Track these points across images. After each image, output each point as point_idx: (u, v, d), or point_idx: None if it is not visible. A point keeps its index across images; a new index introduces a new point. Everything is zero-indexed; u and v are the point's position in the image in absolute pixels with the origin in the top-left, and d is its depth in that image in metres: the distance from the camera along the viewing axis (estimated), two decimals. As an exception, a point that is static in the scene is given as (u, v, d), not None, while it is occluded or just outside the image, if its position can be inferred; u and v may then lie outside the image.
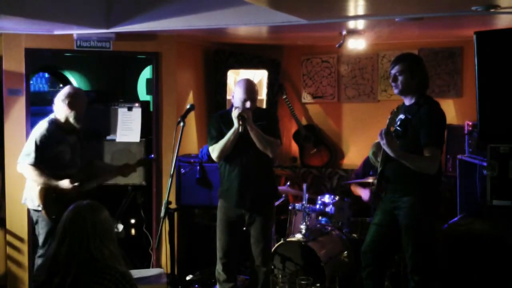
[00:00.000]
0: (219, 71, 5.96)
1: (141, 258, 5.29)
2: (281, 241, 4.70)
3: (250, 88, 4.05)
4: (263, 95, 6.26)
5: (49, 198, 4.10)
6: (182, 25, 4.52)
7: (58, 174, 4.16)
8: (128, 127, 5.25)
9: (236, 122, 3.94)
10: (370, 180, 5.22)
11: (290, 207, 5.18)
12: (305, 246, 4.56)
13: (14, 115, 4.95)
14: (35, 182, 4.14)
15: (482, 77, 4.13)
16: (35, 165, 4.11)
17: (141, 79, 6.52)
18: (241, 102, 4.01)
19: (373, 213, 4.06)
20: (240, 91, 4.03)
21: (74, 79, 7.04)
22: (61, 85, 7.81)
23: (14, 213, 4.98)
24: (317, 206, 5.17)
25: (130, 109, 5.34)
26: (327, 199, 5.23)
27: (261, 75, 6.28)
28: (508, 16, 4.05)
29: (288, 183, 5.76)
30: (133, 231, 5.54)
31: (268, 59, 6.30)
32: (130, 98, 6.15)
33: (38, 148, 4.12)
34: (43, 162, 4.15)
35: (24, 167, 4.15)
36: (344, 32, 5.05)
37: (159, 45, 5.19)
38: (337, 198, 5.23)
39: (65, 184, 4.10)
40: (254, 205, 4.09)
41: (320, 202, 5.23)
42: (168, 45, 5.22)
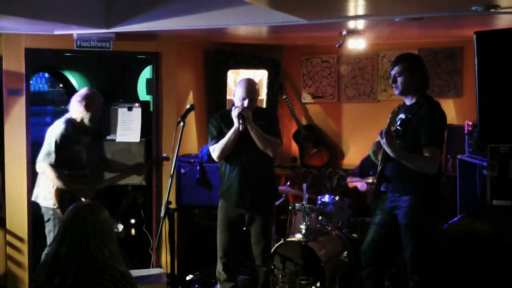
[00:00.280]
0: (219, 71, 5.96)
1: (141, 258, 5.29)
2: (281, 241, 4.70)
3: (250, 87, 4.05)
4: (263, 95, 6.26)
5: (65, 198, 4.14)
6: (182, 25, 4.52)
7: (75, 174, 4.21)
8: (128, 127, 5.25)
9: (236, 121, 3.94)
10: (370, 180, 5.23)
11: (290, 207, 5.18)
12: (305, 246, 4.56)
13: (14, 115, 4.95)
14: (53, 183, 4.17)
15: (482, 77, 4.13)
16: (55, 165, 4.14)
17: (141, 79, 6.51)
18: (241, 101, 4.02)
19: (373, 213, 4.06)
20: (241, 90, 4.03)
21: (74, 79, 7.04)
22: (61, 85, 7.82)
23: (14, 213, 4.98)
24: (317, 206, 5.18)
25: (130, 109, 5.34)
26: (327, 199, 5.23)
27: (261, 75, 6.28)
28: (508, 16, 4.05)
29: (288, 183, 5.75)
30: (133, 231, 5.54)
31: (268, 59, 6.29)
32: (130, 98, 6.14)
33: (57, 148, 4.15)
34: (61, 162, 4.18)
35: (45, 167, 4.18)
36: (344, 32, 5.05)
37: (159, 45, 5.19)
38: (337, 198, 5.23)
39: (80, 194, 4.15)
40: (254, 205, 4.09)
41: (320, 202, 5.23)
42: (168, 45, 5.22)
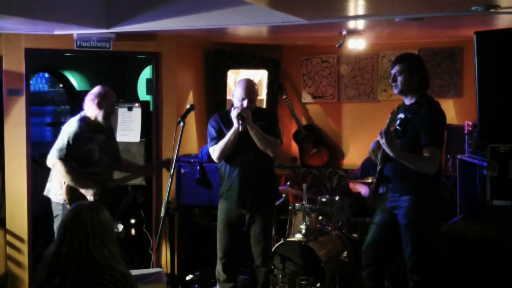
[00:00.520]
0: (219, 71, 5.96)
1: (141, 258, 5.29)
2: (281, 241, 4.69)
3: (249, 87, 4.05)
4: (263, 95, 6.25)
5: (75, 195, 4.16)
6: (182, 25, 4.52)
7: (86, 171, 4.22)
8: (128, 127, 5.25)
9: (235, 122, 3.94)
10: (370, 180, 5.23)
11: (290, 207, 5.18)
12: (305, 246, 4.56)
13: (14, 115, 4.95)
14: (61, 178, 4.19)
15: (482, 77, 4.13)
16: (65, 161, 4.16)
17: (141, 79, 6.52)
18: (240, 102, 4.02)
19: (372, 213, 4.06)
20: (240, 91, 4.03)
21: (74, 79, 7.05)
22: (61, 85, 7.81)
23: (14, 213, 4.98)
24: (317, 206, 5.18)
25: (130, 109, 5.34)
26: (327, 199, 5.23)
27: (261, 75, 6.28)
28: (508, 16, 4.05)
29: (288, 183, 5.75)
30: (133, 231, 5.54)
31: (268, 59, 6.29)
32: (130, 98, 6.15)
33: (70, 145, 4.17)
34: (73, 160, 4.20)
35: (55, 161, 4.19)
36: (344, 32, 5.05)
37: (159, 45, 5.19)
38: (337, 198, 5.23)
39: (88, 192, 4.15)
40: (254, 205, 4.09)
41: (320, 202, 5.23)
42: (168, 45, 5.22)
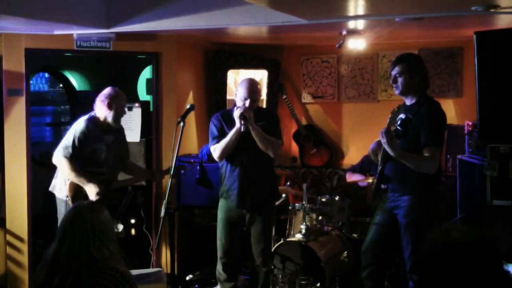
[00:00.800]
0: (219, 71, 5.96)
1: (141, 258, 5.29)
2: (281, 241, 4.69)
3: (252, 87, 4.04)
4: (263, 95, 6.25)
5: (78, 192, 4.17)
6: (182, 25, 4.52)
7: (91, 171, 4.23)
8: (128, 127, 5.24)
9: (238, 122, 3.94)
10: (370, 180, 5.23)
11: (290, 207, 5.18)
12: (305, 246, 4.56)
13: (14, 115, 4.95)
14: (66, 176, 4.21)
15: (482, 77, 4.13)
16: (70, 159, 4.18)
17: (141, 79, 6.51)
18: (242, 102, 4.02)
19: (373, 213, 4.06)
20: (242, 91, 4.03)
21: (74, 79, 7.05)
22: (61, 85, 7.82)
23: (14, 213, 4.98)
24: (317, 206, 5.18)
25: (130, 109, 5.33)
26: (327, 199, 5.23)
27: (261, 75, 6.28)
28: (508, 16, 4.05)
29: (288, 183, 5.75)
30: (133, 231, 5.54)
31: (268, 59, 6.29)
32: (130, 98, 6.11)
33: (75, 144, 4.19)
34: (79, 158, 4.22)
35: (60, 159, 4.21)
36: (344, 32, 5.05)
37: (159, 45, 5.19)
38: (337, 198, 5.23)
39: (92, 190, 4.15)
40: (255, 205, 4.09)
41: (320, 202, 5.23)
42: (168, 45, 5.22)
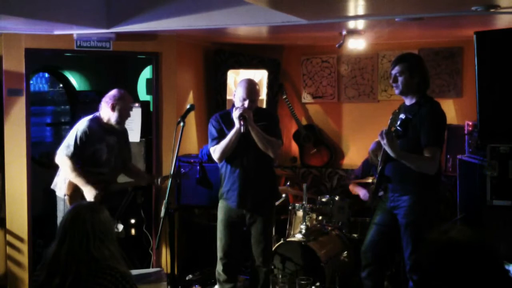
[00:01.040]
0: (219, 71, 5.96)
1: (141, 258, 5.29)
2: (281, 241, 4.69)
3: (251, 88, 4.04)
4: (263, 95, 6.26)
5: (77, 192, 4.18)
6: (182, 25, 4.53)
7: (92, 171, 4.24)
8: (128, 127, 5.22)
9: (237, 123, 3.94)
10: (370, 180, 5.23)
11: (290, 207, 5.18)
12: (305, 246, 4.56)
13: (14, 115, 4.95)
14: (65, 174, 4.23)
15: (482, 77, 4.14)
16: (71, 158, 4.19)
17: (141, 79, 6.51)
18: (241, 102, 4.02)
19: (372, 213, 4.06)
20: (241, 91, 4.03)
21: (74, 79, 7.05)
22: (61, 85, 7.81)
23: (14, 213, 4.98)
24: (317, 206, 5.18)
25: (130, 109, 5.32)
26: (327, 199, 5.23)
27: (261, 75, 6.28)
28: (508, 16, 4.05)
29: (288, 183, 5.75)
30: (133, 231, 5.54)
31: (268, 59, 6.29)
32: (132, 98, 6.14)
33: (77, 143, 4.20)
34: (81, 158, 4.23)
35: (62, 158, 4.22)
36: (344, 32, 5.05)
37: (159, 45, 5.19)
38: (337, 198, 5.23)
39: (89, 193, 4.16)
40: (255, 205, 4.09)
41: (320, 202, 5.24)
42: (168, 45, 5.22)
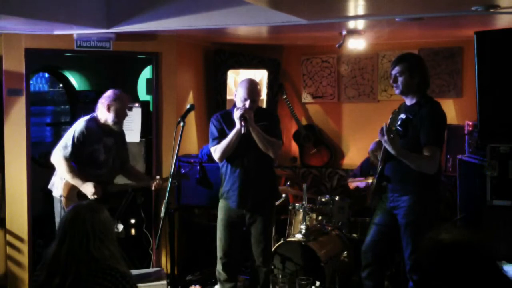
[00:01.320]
0: (219, 71, 5.96)
1: (141, 258, 5.29)
2: (281, 241, 4.69)
3: (252, 88, 4.04)
4: (263, 95, 6.26)
5: (73, 192, 4.18)
6: (182, 25, 4.53)
7: (90, 172, 4.23)
8: (128, 127, 5.24)
9: (238, 123, 3.93)
10: (370, 180, 5.23)
11: (290, 207, 5.18)
12: (305, 246, 4.56)
13: (14, 115, 4.95)
14: (62, 175, 4.22)
15: (482, 77, 4.14)
16: (68, 159, 4.18)
17: (141, 79, 6.52)
18: (242, 102, 4.01)
19: (372, 213, 4.06)
20: (242, 91, 4.03)
21: (74, 79, 7.05)
22: (61, 85, 7.81)
23: (14, 213, 4.98)
24: (317, 206, 5.18)
25: (130, 109, 5.32)
26: (327, 199, 5.23)
27: (261, 75, 6.28)
28: (508, 16, 4.05)
29: (288, 183, 5.75)
30: (133, 231, 5.54)
31: (268, 59, 6.29)
32: (130, 98, 6.14)
33: (74, 144, 4.19)
34: (78, 159, 4.21)
35: (58, 158, 4.21)
36: (344, 32, 5.05)
37: (159, 45, 5.19)
38: (337, 198, 5.23)
39: (88, 190, 4.15)
40: (255, 205, 4.09)
41: (320, 202, 5.23)
42: (168, 45, 5.22)
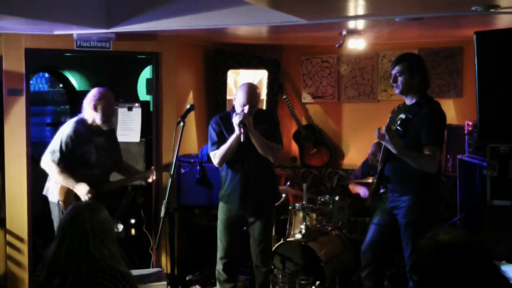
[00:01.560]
0: (219, 71, 5.96)
1: (141, 258, 5.29)
2: (281, 241, 4.69)
3: (251, 92, 4.02)
4: (263, 95, 6.26)
5: (70, 195, 4.16)
6: (182, 25, 4.52)
7: (82, 173, 4.20)
8: (128, 127, 5.24)
9: (237, 129, 3.92)
10: (370, 180, 5.23)
11: (290, 207, 5.18)
12: (305, 246, 4.56)
13: (14, 115, 4.95)
14: (54, 178, 4.20)
15: (482, 77, 4.13)
16: (58, 163, 4.15)
17: (141, 79, 6.51)
18: (241, 107, 4.00)
19: (372, 213, 4.06)
20: (241, 96, 4.01)
21: (74, 79, 7.05)
22: (61, 85, 7.82)
23: (14, 213, 4.98)
24: (317, 206, 5.18)
25: (130, 109, 5.33)
26: (327, 199, 5.23)
27: (261, 75, 6.28)
28: (508, 16, 4.05)
29: (288, 183, 5.75)
30: (133, 231, 5.54)
31: (268, 59, 6.29)
32: (130, 98, 6.15)
33: (62, 148, 4.15)
34: (69, 162, 4.18)
35: (48, 163, 4.19)
36: (344, 32, 5.04)
37: (159, 45, 5.19)
38: (337, 198, 5.23)
39: (82, 190, 4.13)
40: (255, 209, 4.10)
41: (320, 202, 5.23)
42: (168, 45, 5.21)
